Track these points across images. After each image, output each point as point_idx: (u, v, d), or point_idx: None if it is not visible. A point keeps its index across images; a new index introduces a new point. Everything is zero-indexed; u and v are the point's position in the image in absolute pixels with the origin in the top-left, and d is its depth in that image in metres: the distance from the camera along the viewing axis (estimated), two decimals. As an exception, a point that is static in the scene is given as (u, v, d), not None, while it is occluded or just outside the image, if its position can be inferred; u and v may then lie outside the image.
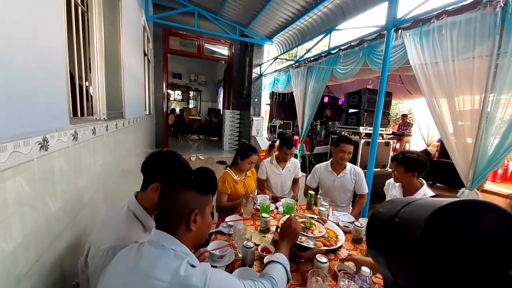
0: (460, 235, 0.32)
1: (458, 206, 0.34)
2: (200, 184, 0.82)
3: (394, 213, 0.41)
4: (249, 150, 1.90)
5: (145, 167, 0.99)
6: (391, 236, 0.40)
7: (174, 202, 0.76)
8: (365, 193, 2.24)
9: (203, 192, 0.81)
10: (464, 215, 0.33)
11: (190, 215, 0.74)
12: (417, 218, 0.36)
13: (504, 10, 1.99)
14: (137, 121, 3.05)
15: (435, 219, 0.33)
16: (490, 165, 2.07)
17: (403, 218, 0.39)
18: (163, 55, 6.02)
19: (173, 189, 0.78)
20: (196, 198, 0.78)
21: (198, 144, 7.87)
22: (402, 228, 0.39)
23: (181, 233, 0.74)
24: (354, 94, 4.24)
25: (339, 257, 1.28)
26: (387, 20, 2.62)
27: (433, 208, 0.34)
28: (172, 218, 0.75)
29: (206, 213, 0.81)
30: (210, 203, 0.84)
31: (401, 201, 0.42)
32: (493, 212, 0.32)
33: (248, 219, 1.63)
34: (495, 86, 2.03)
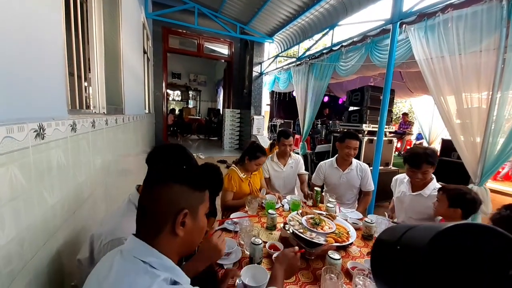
0: (462, 256, 0.33)
1: (459, 228, 0.34)
2: (194, 177, 0.66)
3: (396, 239, 0.41)
4: (258, 152, 1.85)
5: (151, 158, 0.95)
6: (395, 261, 0.40)
7: (157, 199, 0.60)
8: (371, 190, 2.19)
9: (197, 187, 0.65)
10: (465, 236, 0.34)
11: (176, 216, 0.59)
12: (419, 242, 0.36)
13: (510, 3, 1.97)
14: (137, 118, 2.99)
15: (437, 241, 0.34)
16: (499, 161, 2.03)
17: (405, 243, 0.40)
18: (163, 54, 5.96)
19: (157, 182, 0.63)
20: (186, 194, 0.63)
21: (198, 143, 7.80)
22: (406, 250, 0.39)
23: (163, 238, 0.59)
24: (356, 92, 4.20)
25: (350, 254, 1.23)
26: (393, 13, 2.57)
27: (434, 231, 0.35)
28: (154, 219, 0.60)
29: (199, 214, 0.65)
30: (206, 201, 0.69)
31: (402, 227, 0.43)
32: (492, 235, 0.33)
33: (253, 216, 1.58)
34: (502, 81, 2.00)
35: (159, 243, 0.59)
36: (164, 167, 0.67)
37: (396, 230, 0.45)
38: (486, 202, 2.13)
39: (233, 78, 6.94)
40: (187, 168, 0.68)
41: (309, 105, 4.88)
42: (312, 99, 4.77)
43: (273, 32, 5.53)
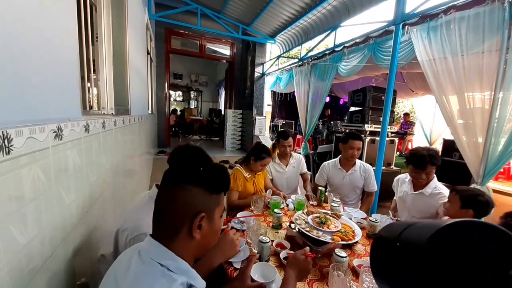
0: (461, 253, 0.33)
1: (459, 225, 0.34)
2: (211, 179, 0.65)
3: (396, 236, 0.41)
4: (263, 153, 1.88)
5: (173, 158, 0.99)
6: (395, 259, 0.40)
7: (174, 201, 0.60)
8: (374, 190, 2.21)
9: (214, 189, 0.65)
10: (465, 233, 0.34)
11: (194, 219, 0.59)
12: (418, 239, 0.36)
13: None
14: (141, 119, 3.02)
15: (437, 239, 0.34)
16: (500, 161, 2.05)
17: (404, 240, 0.40)
18: (165, 55, 6.00)
19: (174, 184, 0.62)
20: (203, 197, 0.62)
21: (200, 144, 7.83)
22: (406, 247, 0.39)
23: (180, 241, 0.59)
24: (358, 92, 4.22)
25: (356, 253, 1.25)
26: (396, 15, 2.60)
27: (434, 228, 0.35)
28: (170, 221, 0.60)
29: (215, 217, 0.65)
30: (221, 204, 0.68)
31: (402, 224, 0.43)
32: (491, 232, 0.33)
33: (258, 216, 1.61)
34: (504, 81, 2.01)
35: (175, 245, 0.59)
36: (181, 169, 0.65)
37: (395, 226, 0.45)
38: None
39: (234, 78, 6.97)
40: (204, 170, 0.65)
41: (310, 105, 4.90)
42: (315, 99, 4.79)
43: (275, 33, 5.56)
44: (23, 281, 0.64)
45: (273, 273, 0.93)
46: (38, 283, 0.71)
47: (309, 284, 0.98)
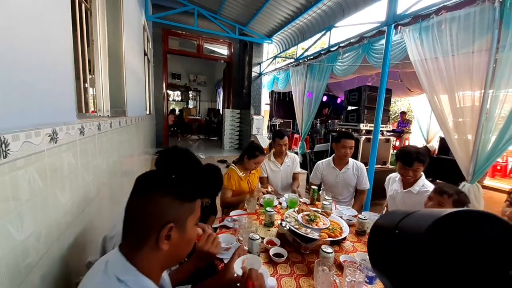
0: (461, 243, 0.32)
1: (458, 216, 0.34)
2: (183, 187, 0.62)
3: (394, 225, 0.40)
4: (256, 151, 1.92)
5: (160, 160, 1.01)
6: (393, 247, 0.40)
7: (141, 210, 0.57)
8: (366, 188, 2.25)
9: (186, 198, 0.61)
10: (464, 224, 0.33)
11: (161, 230, 0.56)
12: (418, 229, 0.36)
13: (503, 5, 2.01)
14: (138, 120, 3.05)
15: (436, 228, 0.33)
16: (490, 159, 2.10)
17: (403, 229, 0.39)
18: (163, 55, 6.02)
19: (143, 192, 0.59)
20: (173, 206, 0.59)
21: (198, 144, 7.87)
22: (403, 239, 0.38)
23: (146, 252, 0.57)
24: (354, 92, 4.27)
25: (344, 249, 1.30)
26: (387, 15, 2.63)
27: (434, 218, 0.34)
28: (136, 232, 0.57)
29: (187, 227, 0.61)
30: (196, 211, 0.64)
31: (401, 213, 0.42)
32: (492, 221, 0.33)
33: (252, 214, 1.65)
34: (494, 81, 2.05)
35: (141, 257, 0.57)
36: (152, 176, 0.63)
37: (393, 215, 0.43)
38: (478, 198, 2.19)
39: (232, 78, 7.00)
40: (176, 177, 0.62)
41: (306, 105, 4.94)
42: (311, 99, 4.83)
43: (271, 33, 5.59)
44: (20, 274, 0.68)
45: (258, 265, 0.96)
46: (35, 276, 0.75)
47: (296, 280, 1.02)
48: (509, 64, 1.97)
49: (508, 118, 1.96)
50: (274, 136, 2.39)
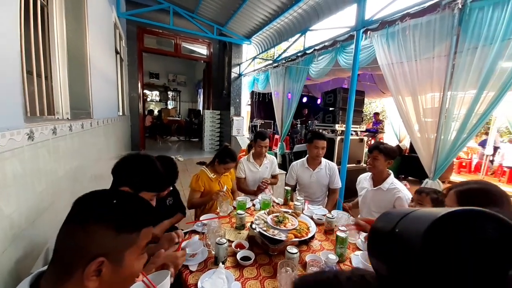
0: (459, 245, 0.32)
1: (456, 215, 0.33)
2: (123, 215, 0.53)
3: (393, 225, 0.40)
4: (227, 157, 1.91)
5: (116, 169, 0.96)
6: (391, 247, 0.39)
7: (68, 238, 0.50)
8: (337, 187, 2.32)
9: (125, 228, 0.52)
10: (462, 224, 0.32)
11: (89, 265, 0.48)
12: (415, 232, 0.35)
13: (462, 12, 2.13)
14: (108, 122, 2.91)
15: (433, 232, 0.33)
16: (449, 157, 2.25)
17: (401, 232, 0.39)
18: (138, 54, 5.81)
19: (73, 219, 0.52)
20: (106, 237, 0.50)
21: (178, 145, 7.68)
22: (402, 240, 0.38)
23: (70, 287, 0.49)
24: (330, 93, 4.40)
25: (311, 248, 1.32)
26: (356, 21, 2.75)
27: (429, 221, 0.33)
28: (60, 262, 0.50)
29: (124, 261, 0.52)
30: (139, 243, 0.55)
31: (399, 213, 0.41)
32: (490, 220, 0.32)
33: (224, 217, 1.63)
34: (452, 84, 2.21)
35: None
36: (88, 200, 0.55)
37: (391, 217, 0.43)
38: (439, 194, 2.36)
39: (212, 79, 6.92)
40: (117, 203, 0.54)
41: (286, 105, 5.02)
42: (290, 100, 4.91)
43: (250, 34, 5.60)
44: None
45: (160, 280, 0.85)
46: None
47: (261, 282, 1.03)
48: (465, 68, 2.12)
49: (465, 118, 2.12)
50: (256, 137, 2.37)
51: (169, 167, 1.46)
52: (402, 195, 1.74)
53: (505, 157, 6.56)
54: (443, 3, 2.25)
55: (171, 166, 1.48)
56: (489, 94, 1.99)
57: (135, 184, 0.90)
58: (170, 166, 1.47)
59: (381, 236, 0.43)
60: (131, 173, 0.92)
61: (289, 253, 1.07)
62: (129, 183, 0.90)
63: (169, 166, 1.46)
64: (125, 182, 0.91)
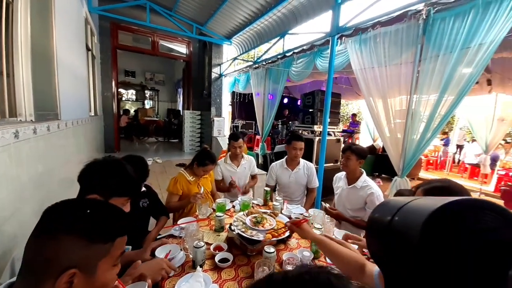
0: (458, 236, 0.31)
1: (454, 206, 0.32)
2: (95, 224, 0.52)
3: (390, 217, 0.39)
4: (207, 160, 1.89)
5: (82, 176, 0.91)
6: (390, 238, 0.38)
7: (38, 249, 0.48)
8: (315, 187, 2.41)
9: (97, 238, 0.52)
10: (460, 215, 0.32)
11: (60, 276, 0.47)
12: (414, 221, 0.34)
13: (426, 22, 2.31)
14: (78, 123, 2.74)
15: (432, 222, 0.32)
16: (415, 156, 2.44)
17: (398, 224, 0.38)
18: (112, 51, 5.54)
19: (43, 229, 0.50)
20: (78, 248, 0.49)
21: (156, 147, 7.44)
22: (400, 232, 0.37)
23: None
24: (308, 95, 4.53)
25: (289, 247, 1.37)
26: (332, 27, 2.86)
27: (429, 211, 0.32)
28: (30, 273, 0.49)
29: (98, 271, 0.52)
30: (113, 253, 0.54)
31: (396, 203, 0.40)
32: (490, 210, 0.31)
33: (202, 220, 1.62)
34: (417, 89, 2.39)
35: None
36: (58, 209, 0.53)
37: (388, 207, 0.42)
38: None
39: (192, 78, 6.80)
40: (89, 213, 0.53)
41: (267, 106, 5.08)
42: (270, 101, 4.98)
43: (231, 35, 5.59)
44: None
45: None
46: None
47: (239, 283, 1.04)
48: (429, 74, 2.30)
49: (428, 120, 2.31)
50: (229, 138, 2.40)
51: (139, 166, 1.42)
52: (374, 191, 1.85)
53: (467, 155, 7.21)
54: (409, 13, 2.43)
55: (141, 165, 1.44)
56: (450, 98, 2.18)
57: (105, 191, 0.87)
58: (140, 166, 1.43)
59: (379, 228, 0.42)
60: (99, 179, 0.88)
61: (267, 253, 1.10)
62: (98, 190, 0.86)
63: (139, 165, 1.42)
64: (94, 189, 0.87)
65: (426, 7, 2.28)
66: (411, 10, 2.41)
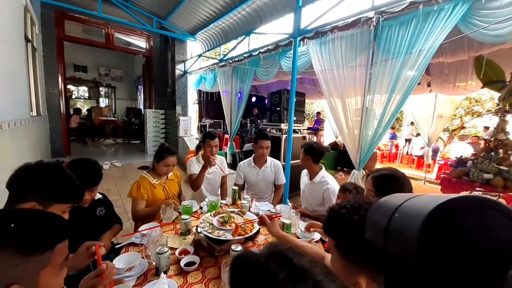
0: (459, 234, 0.30)
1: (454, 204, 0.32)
2: (28, 237, 0.49)
3: (387, 220, 0.38)
4: (164, 152, 1.79)
5: (13, 183, 0.79)
6: (387, 243, 0.38)
7: None
8: (282, 183, 2.48)
9: (34, 250, 0.49)
10: (462, 213, 0.31)
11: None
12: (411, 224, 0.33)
13: (376, 29, 2.53)
14: (16, 124, 2.37)
15: (431, 220, 0.31)
16: (369, 151, 2.67)
17: (396, 225, 0.37)
18: (57, 43, 4.91)
19: None
20: (15, 265, 0.46)
21: (115, 149, 6.84)
22: (397, 236, 0.36)
23: None
24: (275, 94, 4.63)
25: (257, 243, 1.39)
26: (294, 29, 2.97)
27: (429, 208, 0.31)
28: None
29: (40, 282, 0.50)
30: (55, 260, 0.52)
31: (392, 205, 0.39)
32: (493, 208, 0.30)
33: (167, 225, 1.55)
34: (370, 89, 2.62)
35: None
36: None
37: (384, 209, 0.40)
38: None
39: (153, 75, 6.40)
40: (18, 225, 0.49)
41: (235, 105, 5.06)
42: (238, 99, 4.97)
43: (195, 31, 5.41)
44: None
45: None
46: None
47: (206, 285, 1.02)
48: (379, 76, 2.54)
49: (380, 117, 2.55)
50: (205, 137, 2.28)
51: (90, 170, 1.29)
52: (330, 187, 1.99)
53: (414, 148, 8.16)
54: (362, 20, 2.64)
55: (92, 169, 1.32)
56: (397, 97, 2.44)
57: (43, 197, 0.77)
58: (91, 170, 1.30)
59: (376, 231, 0.41)
60: (35, 185, 0.78)
61: (233, 251, 1.10)
62: (34, 197, 0.76)
63: (90, 169, 1.30)
64: (28, 196, 0.76)
65: (376, 15, 2.51)
66: (363, 17, 2.63)
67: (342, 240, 0.59)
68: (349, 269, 0.57)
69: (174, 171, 2.09)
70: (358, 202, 0.61)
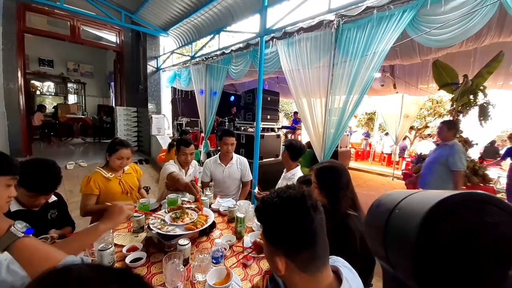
0: (459, 231, 0.30)
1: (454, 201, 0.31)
2: None
3: (385, 221, 0.38)
4: (117, 145, 1.76)
5: None
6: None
7: None
8: (249, 180, 2.53)
9: None
10: (462, 210, 0.30)
11: None
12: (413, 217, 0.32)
13: (337, 31, 2.66)
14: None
15: (432, 216, 0.31)
16: (331, 148, 2.81)
17: (394, 228, 0.37)
18: (17, 35, 4.57)
19: None
20: None
21: (83, 148, 6.49)
22: (395, 236, 0.36)
23: None
24: (249, 93, 4.66)
25: (211, 238, 1.42)
26: (260, 28, 3.02)
27: (430, 204, 0.31)
28: None
29: None
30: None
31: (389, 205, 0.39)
32: (493, 205, 0.30)
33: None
34: (332, 89, 2.74)
35: None
36: None
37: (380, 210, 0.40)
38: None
39: (124, 71, 6.15)
40: None
41: (208, 103, 5.03)
42: (212, 97, 4.94)
43: (167, 26, 5.29)
44: None
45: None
46: None
47: (149, 279, 1.04)
48: (340, 77, 2.67)
49: (340, 115, 2.68)
50: (179, 144, 2.18)
51: (43, 171, 1.25)
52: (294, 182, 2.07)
53: (384, 146, 8.64)
54: (325, 22, 2.76)
55: (46, 169, 1.27)
56: (355, 97, 2.59)
57: None
58: (44, 170, 1.26)
59: (375, 233, 0.40)
60: None
61: (180, 246, 1.12)
62: None
63: (43, 170, 1.25)
64: None
65: (336, 18, 2.63)
66: (326, 20, 2.74)
67: (265, 224, 0.65)
68: (270, 250, 0.63)
69: (133, 166, 2.06)
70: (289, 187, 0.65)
